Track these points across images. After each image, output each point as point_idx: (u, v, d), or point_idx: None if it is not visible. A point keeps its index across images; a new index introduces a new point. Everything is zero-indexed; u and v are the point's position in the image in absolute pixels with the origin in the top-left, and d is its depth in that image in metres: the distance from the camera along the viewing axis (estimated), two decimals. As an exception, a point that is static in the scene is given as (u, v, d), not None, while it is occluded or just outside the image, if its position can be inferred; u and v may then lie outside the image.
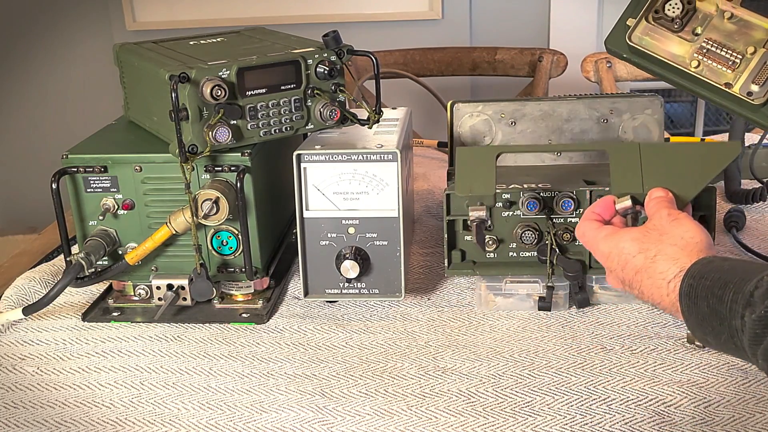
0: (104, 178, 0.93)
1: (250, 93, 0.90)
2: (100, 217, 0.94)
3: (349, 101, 0.98)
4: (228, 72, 0.88)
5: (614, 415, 0.76)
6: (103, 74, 2.38)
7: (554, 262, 0.93)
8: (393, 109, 1.13)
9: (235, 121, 0.90)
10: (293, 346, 0.91)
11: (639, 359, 0.85)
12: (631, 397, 0.79)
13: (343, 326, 0.95)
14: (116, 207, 0.94)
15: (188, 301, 0.97)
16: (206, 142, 0.88)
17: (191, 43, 1.05)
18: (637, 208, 0.83)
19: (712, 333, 0.65)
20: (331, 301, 1.00)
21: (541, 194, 0.94)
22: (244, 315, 0.97)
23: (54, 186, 0.92)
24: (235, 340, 0.92)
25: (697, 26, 0.84)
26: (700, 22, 0.84)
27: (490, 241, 0.96)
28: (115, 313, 0.99)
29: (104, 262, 0.96)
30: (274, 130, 0.92)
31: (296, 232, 0.94)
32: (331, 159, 0.92)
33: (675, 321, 0.90)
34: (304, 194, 0.93)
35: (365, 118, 0.97)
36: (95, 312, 0.99)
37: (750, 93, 0.82)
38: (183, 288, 0.96)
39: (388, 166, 0.92)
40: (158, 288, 0.97)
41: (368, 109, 0.96)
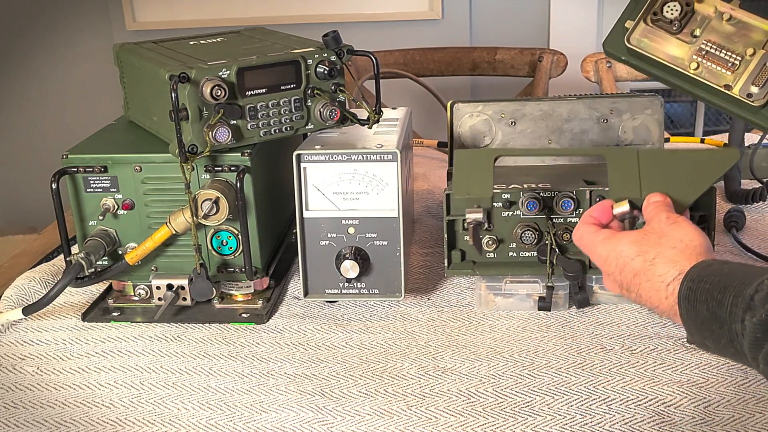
0: (104, 178, 0.93)
1: (250, 93, 0.90)
2: (100, 217, 0.94)
3: (349, 101, 0.98)
4: (228, 72, 0.88)
5: (614, 415, 0.76)
6: (103, 74, 2.38)
7: (554, 262, 0.93)
8: (393, 109, 1.13)
9: (235, 121, 0.90)
10: (293, 346, 0.91)
11: (639, 359, 0.85)
12: (631, 397, 0.79)
13: (343, 326, 0.95)
14: (116, 207, 0.94)
15: (188, 301, 0.97)
16: (206, 142, 0.88)
17: (191, 43, 1.05)
18: (634, 213, 0.83)
19: (712, 337, 0.65)
20: (331, 301, 1.00)
21: (541, 194, 0.94)
22: (244, 315, 0.97)
23: (54, 186, 0.92)
24: (235, 340, 0.93)
25: (695, 28, 0.83)
26: (699, 23, 0.83)
27: (490, 241, 0.96)
28: (115, 313, 0.99)
29: (104, 262, 0.96)
30: (274, 130, 0.92)
31: (296, 232, 0.94)
32: (331, 159, 0.92)
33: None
34: (304, 194, 0.93)
35: (365, 118, 0.97)
36: (95, 312, 0.99)
37: (750, 95, 0.81)
38: (183, 288, 0.96)
39: (388, 166, 0.92)
40: (158, 288, 0.97)
41: (368, 109, 0.96)
